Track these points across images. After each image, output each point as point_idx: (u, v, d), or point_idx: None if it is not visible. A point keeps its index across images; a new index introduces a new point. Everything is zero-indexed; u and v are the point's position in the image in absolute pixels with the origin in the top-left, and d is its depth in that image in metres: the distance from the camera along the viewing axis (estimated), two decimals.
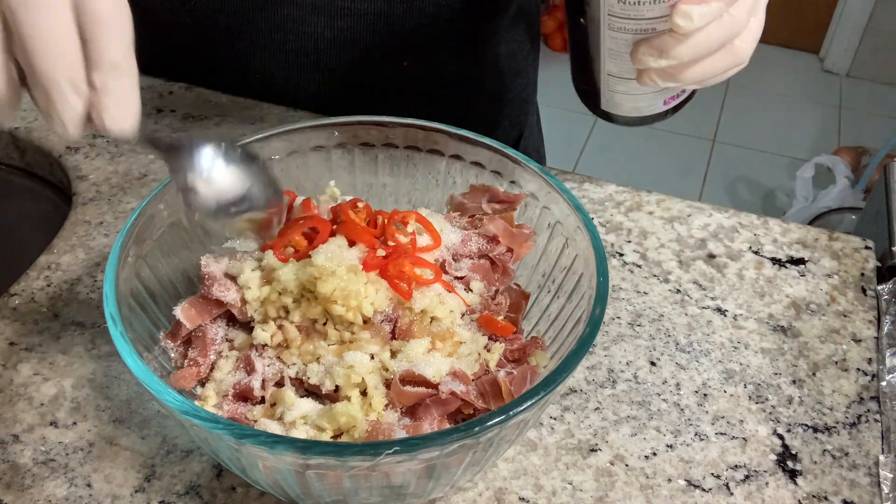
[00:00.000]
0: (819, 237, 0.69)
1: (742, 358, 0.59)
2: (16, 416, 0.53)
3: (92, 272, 0.63)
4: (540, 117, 0.96)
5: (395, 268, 0.47)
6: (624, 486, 0.51)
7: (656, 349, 0.59)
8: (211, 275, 0.49)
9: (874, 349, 0.60)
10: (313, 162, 0.57)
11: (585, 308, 0.46)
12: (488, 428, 0.39)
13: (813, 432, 0.55)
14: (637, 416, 0.55)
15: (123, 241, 0.47)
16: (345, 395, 0.45)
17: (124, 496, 0.49)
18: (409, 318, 0.48)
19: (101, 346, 0.57)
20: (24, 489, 0.49)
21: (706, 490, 0.51)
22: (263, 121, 0.80)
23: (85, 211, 0.69)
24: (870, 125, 2.56)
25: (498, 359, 0.49)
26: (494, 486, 0.50)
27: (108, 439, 0.52)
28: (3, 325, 0.59)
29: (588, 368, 0.58)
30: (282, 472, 0.40)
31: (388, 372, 0.46)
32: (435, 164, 0.57)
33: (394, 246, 0.49)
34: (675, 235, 0.69)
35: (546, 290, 0.54)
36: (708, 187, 2.32)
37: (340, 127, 0.56)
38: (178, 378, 0.46)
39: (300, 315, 0.47)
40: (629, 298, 0.63)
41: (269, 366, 0.47)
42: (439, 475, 0.42)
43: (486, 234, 0.54)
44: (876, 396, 0.57)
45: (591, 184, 0.74)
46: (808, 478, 0.52)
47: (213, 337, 0.48)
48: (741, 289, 0.64)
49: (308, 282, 0.46)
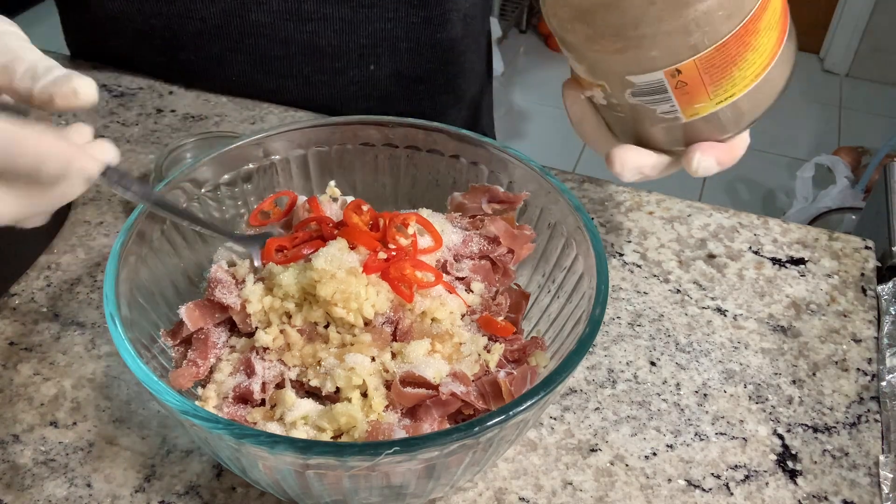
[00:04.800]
0: (819, 237, 0.69)
1: (742, 358, 0.59)
2: (16, 416, 0.53)
3: (92, 272, 0.63)
4: (492, 105, 1.02)
5: (397, 271, 0.48)
6: (624, 486, 0.51)
7: (656, 349, 0.59)
8: (216, 279, 0.49)
9: (874, 349, 0.60)
10: (313, 162, 0.57)
11: (585, 308, 0.46)
12: (488, 428, 0.39)
13: (813, 432, 0.55)
14: (637, 416, 0.55)
15: (123, 241, 0.47)
16: (345, 396, 0.45)
17: (124, 496, 0.49)
18: (409, 320, 0.48)
19: (101, 346, 0.57)
20: (24, 489, 0.49)
21: (706, 490, 0.51)
22: (263, 121, 0.80)
23: (85, 211, 0.69)
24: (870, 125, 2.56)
25: (498, 359, 0.49)
26: (494, 486, 0.50)
27: (108, 439, 0.52)
28: (3, 325, 0.59)
29: (588, 368, 0.58)
30: (282, 472, 0.40)
31: (389, 373, 0.46)
32: (435, 164, 0.57)
33: (395, 248, 0.49)
34: (675, 235, 0.69)
35: (546, 291, 0.54)
36: (708, 187, 2.31)
37: (340, 127, 0.56)
38: (177, 377, 0.46)
39: (302, 319, 0.47)
40: (629, 298, 0.63)
41: (270, 368, 0.47)
42: (439, 475, 0.42)
43: (487, 234, 0.54)
44: (876, 396, 0.57)
45: (591, 184, 0.74)
46: (808, 478, 0.52)
47: (215, 341, 0.48)
48: (741, 289, 0.64)
49: (308, 285, 0.46)
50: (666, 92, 0.48)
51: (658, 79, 0.47)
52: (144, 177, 0.73)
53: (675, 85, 0.48)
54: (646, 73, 0.47)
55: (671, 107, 0.49)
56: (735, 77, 0.48)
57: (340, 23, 0.78)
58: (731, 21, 0.45)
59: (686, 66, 0.46)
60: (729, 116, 0.50)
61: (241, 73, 0.82)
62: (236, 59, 0.81)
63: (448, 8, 0.80)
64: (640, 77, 0.48)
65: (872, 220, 0.80)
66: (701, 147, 0.51)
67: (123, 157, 0.75)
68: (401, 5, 0.78)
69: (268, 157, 0.56)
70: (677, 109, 0.49)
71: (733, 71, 0.47)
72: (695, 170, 0.51)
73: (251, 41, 0.79)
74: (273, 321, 0.48)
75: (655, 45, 0.46)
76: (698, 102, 0.49)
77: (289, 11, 0.77)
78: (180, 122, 0.80)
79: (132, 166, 0.74)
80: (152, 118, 0.80)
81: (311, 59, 0.80)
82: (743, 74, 0.48)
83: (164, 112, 0.81)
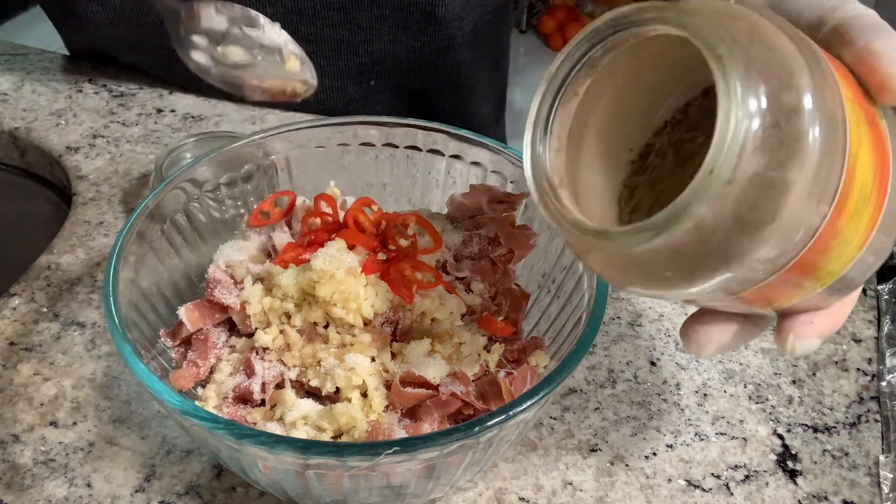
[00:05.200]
0: None
1: (742, 358, 0.59)
2: (16, 416, 0.53)
3: (92, 272, 0.63)
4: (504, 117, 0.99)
5: (397, 271, 0.48)
6: (624, 486, 0.51)
7: (656, 349, 0.59)
8: (215, 279, 0.49)
9: (874, 349, 0.60)
10: (313, 162, 0.57)
11: (585, 308, 0.46)
12: (488, 428, 0.39)
13: (813, 432, 0.55)
14: (637, 416, 0.55)
15: (123, 241, 0.47)
16: (345, 396, 0.45)
17: (124, 496, 0.49)
18: (409, 320, 0.48)
19: (101, 346, 0.57)
20: (24, 489, 0.49)
21: (706, 490, 0.51)
22: (263, 121, 0.80)
23: (85, 211, 0.69)
24: None
25: (498, 359, 0.49)
26: (494, 486, 0.50)
27: (108, 439, 0.52)
28: (3, 325, 0.59)
29: (588, 368, 0.58)
30: (282, 472, 0.40)
31: (389, 373, 0.46)
32: (435, 164, 0.57)
33: (395, 249, 0.49)
34: None
35: (546, 290, 0.54)
36: None
37: (340, 127, 0.56)
38: (177, 378, 0.46)
39: (301, 319, 0.47)
40: (629, 298, 0.63)
41: (270, 368, 0.47)
42: (439, 475, 0.42)
43: (487, 234, 0.54)
44: (876, 396, 0.57)
45: None
46: (808, 478, 0.52)
47: (215, 341, 0.48)
48: None
49: (308, 286, 0.46)
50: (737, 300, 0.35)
51: (721, 299, 0.34)
52: (144, 177, 0.73)
53: (747, 301, 0.35)
54: (716, 300, 0.35)
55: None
56: (824, 270, 0.34)
57: (338, 44, 0.78)
58: (781, 259, 0.31)
59: (748, 295, 0.34)
60: (836, 288, 0.36)
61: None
62: None
63: (451, 34, 0.78)
64: (709, 297, 0.34)
65: None
66: (795, 328, 0.37)
67: (123, 157, 0.75)
68: (399, 30, 0.77)
69: (268, 157, 0.56)
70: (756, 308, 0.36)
71: (822, 265, 0.34)
72: (789, 350, 0.38)
73: None
74: (273, 321, 0.48)
75: (699, 299, 0.35)
76: (779, 302, 0.35)
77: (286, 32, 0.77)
78: (180, 122, 0.80)
79: (132, 166, 0.74)
80: (152, 118, 0.80)
81: None
82: (837, 260, 0.34)
83: (164, 112, 0.81)
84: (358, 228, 0.51)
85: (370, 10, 0.76)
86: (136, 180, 0.72)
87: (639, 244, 0.30)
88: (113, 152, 0.75)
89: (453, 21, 0.78)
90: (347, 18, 0.77)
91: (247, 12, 0.53)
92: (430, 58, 0.80)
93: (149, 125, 0.79)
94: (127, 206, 0.69)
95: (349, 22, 0.77)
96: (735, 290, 0.33)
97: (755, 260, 0.31)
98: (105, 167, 0.74)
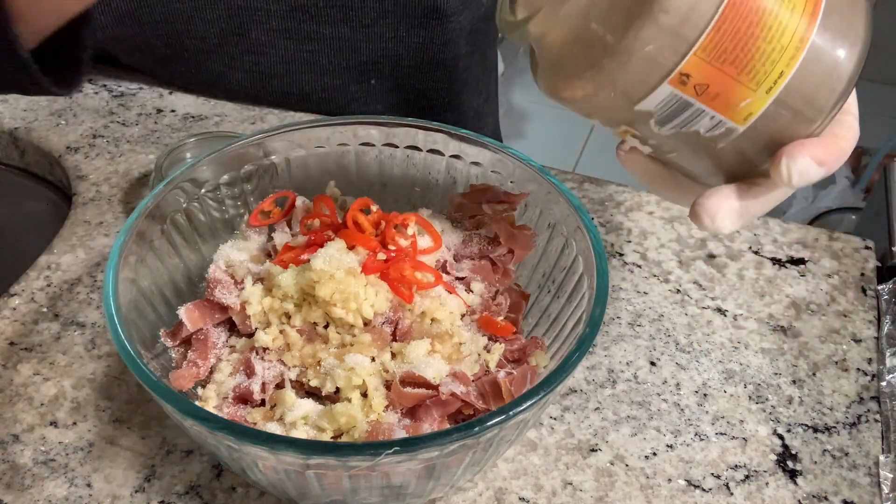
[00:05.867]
0: (819, 237, 0.69)
1: (742, 358, 0.59)
2: (16, 416, 0.53)
3: (92, 272, 0.63)
4: (497, 109, 1.02)
5: (396, 271, 0.48)
6: (624, 486, 0.51)
7: (656, 349, 0.59)
8: (215, 279, 0.49)
9: (874, 349, 0.60)
10: (313, 162, 0.57)
11: (585, 308, 0.46)
12: (488, 428, 0.39)
13: (813, 432, 0.55)
14: (637, 416, 0.55)
15: (123, 241, 0.47)
16: (345, 396, 0.45)
17: (124, 496, 0.49)
18: (409, 320, 0.48)
19: (101, 346, 0.57)
20: (24, 489, 0.49)
21: (706, 490, 0.51)
22: (263, 121, 0.80)
23: (85, 211, 0.69)
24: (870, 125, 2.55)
25: (498, 359, 0.49)
26: (494, 486, 0.50)
27: (108, 439, 0.52)
28: (3, 325, 0.59)
29: (588, 368, 0.58)
30: (282, 473, 0.40)
31: (389, 373, 0.46)
32: (435, 164, 0.57)
33: (395, 249, 0.49)
34: (675, 235, 0.69)
35: (546, 290, 0.54)
36: None
37: (340, 127, 0.56)
38: (177, 378, 0.46)
39: (301, 319, 0.47)
40: (629, 298, 0.63)
41: (270, 369, 0.47)
42: (439, 475, 0.42)
43: (487, 234, 0.54)
44: (876, 396, 0.57)
45: (591, 184, 0.74)
46: (808, 478, 0.52)
47: (215, 341, 0.48)
48: (741, 289, 0.64)
49: (307, 286, 0.46)
50: (691, 105, 0.39)
51: (668, 93, 0.38)
52: (144, 177, 0.73)
53: (696, 92, 0.38)
54: (650, 94, 0.39)
55: (712, 119, 0.39)
56: (766, 51, 0.37)
57: (340, 42, 0.78)
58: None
59: (690, 65, 0.37)
60: (797, 101, 0.39)
61: (240, 88, 0.82)
62: (235, 77, 0.81)
63: (450, 28, 0.80)
64: (648, 102, 0.39)
65: (872, 220, 0.81)
66: (787, 150, 0.40)
67: (123, 157, 0.75)
68: (401, 26, 0.78)
69: (268, 157, 0.56)
70: (722, 118, 0.39)
71: (759, 45, 0.37)
72: (786, 178, 0.40)
73: (251, 59, 0.79)
74: (273, 322, 0.48)
75: (633, 58, 0.38)
76: (741, 100, 0.39)
77: (288, 31, 0.77)
78: (180, 122, 0.80)
79: (132, 166, 0.74)
80: (152, 118, 0.80)
81: (312, 76, 0.81)
82: (776, 46, 0.37)
83: (164, 112, 0.81)
84: (357, 229, 0.51)
85: (373, 6, 0.76)
86: (136, 180, 0.72)
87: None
88: (113, 152, 0.75)
89: (454, 15, 0.79)
90: (350, 15, 0.77)
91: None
92: (431, 53, 0.80)
93: (149, 125, 0.79)
94: (127, 206, 0.69)
95: (351, 19, 0.77)
96: (670, 58, 0.37)
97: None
98: (105, 167, 0.74)
